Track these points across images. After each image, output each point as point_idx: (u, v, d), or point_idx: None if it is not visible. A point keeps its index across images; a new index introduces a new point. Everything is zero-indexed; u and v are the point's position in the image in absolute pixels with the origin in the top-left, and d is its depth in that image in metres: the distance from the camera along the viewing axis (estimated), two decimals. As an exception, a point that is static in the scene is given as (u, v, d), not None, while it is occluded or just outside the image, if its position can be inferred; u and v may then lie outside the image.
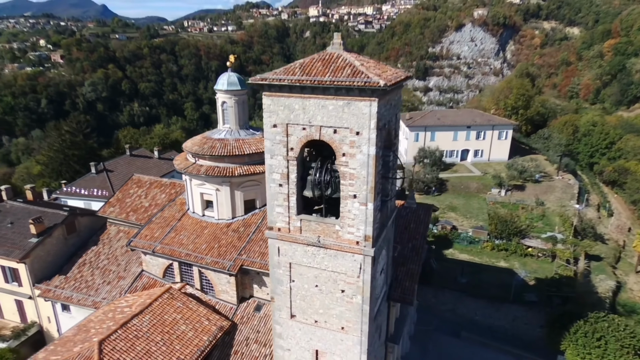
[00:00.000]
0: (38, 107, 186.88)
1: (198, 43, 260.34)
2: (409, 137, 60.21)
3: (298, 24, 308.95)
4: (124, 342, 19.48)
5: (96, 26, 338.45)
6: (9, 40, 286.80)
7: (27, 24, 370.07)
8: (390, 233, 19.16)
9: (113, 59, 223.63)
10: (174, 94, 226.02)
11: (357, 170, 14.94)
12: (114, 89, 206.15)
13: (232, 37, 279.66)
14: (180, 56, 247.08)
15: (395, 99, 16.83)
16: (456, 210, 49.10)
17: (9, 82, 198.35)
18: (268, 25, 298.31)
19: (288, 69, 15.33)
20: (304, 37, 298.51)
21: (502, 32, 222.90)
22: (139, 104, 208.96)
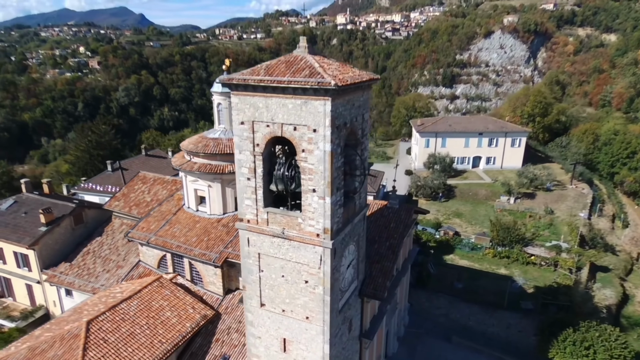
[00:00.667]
0: (75, 110, 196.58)
1: (227, 50, 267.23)
2: (419, 143, 60.31)
3: (325, 32, 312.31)
4: (111, 323, 20.94)
5: (132, 34, 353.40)
6: (52, 48, 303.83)
7: (70, 32, 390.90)
8: (360, 229, 19.82)
9: (146, 66, 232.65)
10: (202, 99, 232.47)
11: (315, 165, 15.80)
12: (146, 94, 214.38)
13: (260, 45, 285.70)
14: (209, 63, 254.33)
15: (360, 99, 17.59)
16: (462, 217, 48.85)
17: (50, 87, 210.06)
18: (296, 32, 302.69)
19: (254, 69, 16.45)
20: (331, 44, 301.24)
21: (533, 39, 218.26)
22: (169, 108, 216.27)
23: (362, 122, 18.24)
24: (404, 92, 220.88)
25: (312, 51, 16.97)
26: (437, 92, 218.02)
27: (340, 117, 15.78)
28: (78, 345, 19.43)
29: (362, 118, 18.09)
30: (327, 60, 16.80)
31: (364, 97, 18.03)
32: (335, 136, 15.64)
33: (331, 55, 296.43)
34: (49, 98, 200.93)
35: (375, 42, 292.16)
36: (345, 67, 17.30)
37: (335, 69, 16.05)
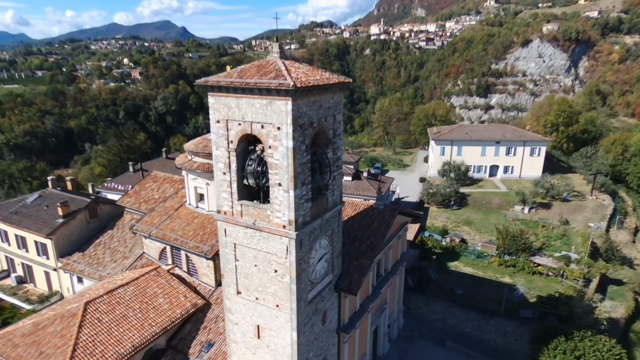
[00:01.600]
0: (116, 118, 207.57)
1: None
2: (434, 150, 60.25)
3: (359, 42, 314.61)
4: (107, 305, 22.85)
5: (173, 46, 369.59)
6: (99, 59, 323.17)
7: (117, 45, 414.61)
8: (333, 225, 20.75)
9: (184, 76, 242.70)
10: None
11: (280, 161, 17.02)
12: (182, 103, 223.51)
13: (293, 55, 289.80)
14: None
15: (330, 101, 18.68)
16: (471, 225, 48.41)
17: (95, 96, 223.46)
18: (329, 43, 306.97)
19: (229, 73, 17.99)
20: (364, 54, 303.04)
21: (575, 48, 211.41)
22: (204, 117, 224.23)
23: (334, 122, 19.31)
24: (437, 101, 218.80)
25: (284, 56, 18.31)
26: (470, 101, 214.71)
27: (304, 116, 16.95)
28: (75, 323, 21.40)
29: (332, 119, 19.17)
30: (297, 65, 18.07)
31: (335, 99, 19.11)
32: (299, 134, 16.81)
33: (364, 65, 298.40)
34: (94, 106, 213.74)
35: (408, 52, 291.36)
36: (315, 70, 18.50)
37: (301, 72, 17.29)
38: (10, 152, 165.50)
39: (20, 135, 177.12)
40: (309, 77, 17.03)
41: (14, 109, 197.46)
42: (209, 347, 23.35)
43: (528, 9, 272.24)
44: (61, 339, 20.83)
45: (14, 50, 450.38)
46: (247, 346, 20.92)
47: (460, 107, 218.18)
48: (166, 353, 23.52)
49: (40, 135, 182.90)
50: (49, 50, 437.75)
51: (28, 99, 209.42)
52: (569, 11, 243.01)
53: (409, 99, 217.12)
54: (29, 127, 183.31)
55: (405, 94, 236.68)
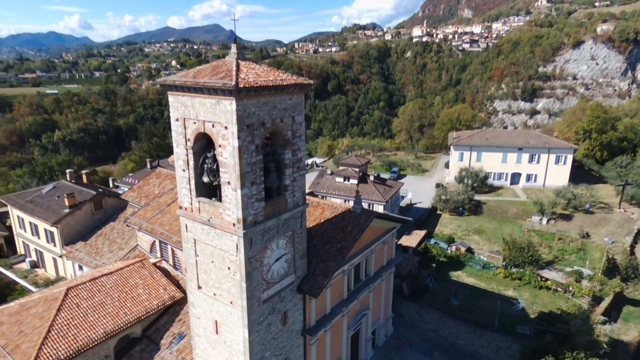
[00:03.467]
0: (161, 117, 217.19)
1: (301, 63, 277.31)
2: (452, 156, 58.48)
3: (400, 44, 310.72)
4: (87, 292, 24.19)
5: (219, 49, 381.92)
6: (150, 62, 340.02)
7: (169, 48, 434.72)
8: (295, 226, 20.80)
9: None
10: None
11: (228, 159, 17.37)
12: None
13: (333, 58, 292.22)
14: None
15: (287, 102, 18.79)
16: (482, 234, 46.56)
17: (142, 96, 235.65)
18: (370, 45, 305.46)
19: (187, 72, 18.59)
20: (405, 57, 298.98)
21: (632, 49, 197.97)
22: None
23: (292, 124, 19.41)
24: (478, 105, 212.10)
25: (242, 57, 18.65)
26: (515, 106, 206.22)
27: (252, 116, 17.20)
28: (55, 306, 22.83)
29: (291, 120, 19.28)
30: (252, 66, 18.35)
31: (293, 101, 19.21)
32: (246, 134, 17.08)
33: (404, 67, 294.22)
34: (141, 106, 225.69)
35: (450, 54, 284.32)
36: (274, 72, 18.71)
37: (253, 73, 17.57)
38: (66, 147, 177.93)
39: (75, 132, 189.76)
40: (258, 78, 17.27)
41: (70, 107, 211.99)
42: (180, 338, 24.13)
43: (583, 9, 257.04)
44: (40, 320, 22.30)
45: (77, 53, 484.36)
46: (207, 340, 21.43)
47: (503, 111, 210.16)
48: (141, 342, 24.51)
49: (93, 132, 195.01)
50: (107, 52, 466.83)
51: (83, 98, 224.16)
52: (629, 10, 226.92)
53: (450, 102, 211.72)
54: (83, 125, 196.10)
55: (446, 97, 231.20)
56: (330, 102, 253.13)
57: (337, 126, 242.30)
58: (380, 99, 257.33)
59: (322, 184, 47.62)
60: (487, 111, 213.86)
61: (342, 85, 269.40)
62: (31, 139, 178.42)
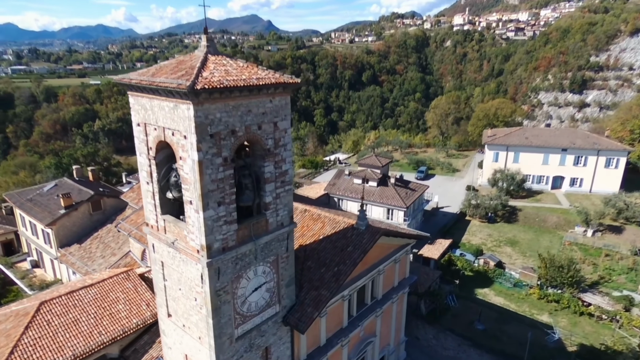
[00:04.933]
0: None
1: (336, 53, 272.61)
2: (487, 156, 53.40)
3: (439, 33, 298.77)
4: (61, 307, 22.23)
5: (255, 39, 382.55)
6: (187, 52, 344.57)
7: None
8: (279, 249, 17.75)
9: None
10: (306, 100, 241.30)
11: (189, 175, 14.46)
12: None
13: (369, 48, 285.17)
14: (318, 66, 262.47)
15: (266, 105, 15.62)
16: (516, 245, 41.74)
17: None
18: (408, 35, 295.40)
19: (149, 69, 15.74)
20: (444, 46, 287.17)
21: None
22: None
23: (274, 131, 16.23)
24: (522, 97, 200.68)
25: (214, 51, 15.58)
26: (562, 98, 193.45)
27: (218, 123, 14.16)
28: (24, 323, 20.98)
29: (272, 127, 16.10)
30: (225, 62, 15.24)
31: (275, 104, 16.00)
32: (209, 145, 14.08)
33: (443, 57, 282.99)
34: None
35: (493, 43, 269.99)
36: (250, 69, 15.55)
37: (222, 71, 14.47)
38: (105, 136, 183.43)
39: (114, 122, 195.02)
40: (226, 77, 14.16)
41: (110, 97, 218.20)
42: (158, 364, 21.80)
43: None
44: (6, 338, 20.50)
45: (122, 44, 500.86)
46: (180, 374, 18.88)
47: (549, 104, 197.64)
48: (118, 364, 22.43)
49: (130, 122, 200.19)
50: (149, 44, 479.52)
51: (122, 89, 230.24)
52: None
53: (490, 94, 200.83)
54: (121, 114, 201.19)
55: (487, 88, 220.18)
56: (365, 93, 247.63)
57: (370, 118, 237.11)
58: (416, 90, 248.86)
59: (339, 186, 44.22)
60: (530, 103, 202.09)
61: (377, 76, 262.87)
62: (73, 128, 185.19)
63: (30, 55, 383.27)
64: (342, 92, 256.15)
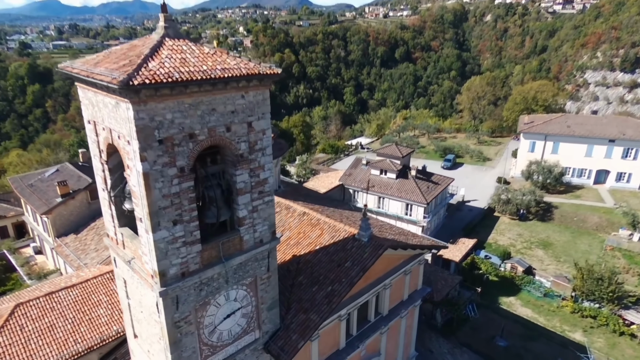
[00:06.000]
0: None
1: (368, 29, 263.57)
2: (522, 145, 48.58)
3: (480, 7, 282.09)
4: (38, 310, 20.69)
5: (287, 14, 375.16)
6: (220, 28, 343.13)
7: (240, 14, 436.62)
8: (258, 270, 15.20)
9: (290, 44, 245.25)
10: (337, 78, 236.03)
11: (136, 188, 11.91)
12: (285, 71, 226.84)
13: (403, 23, 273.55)
14: (350, 42, 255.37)
15: (236, 102, 12.74)
16: (549, 248, 37.61)
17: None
18: (445, 9, 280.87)
19: (97, 56, 13.10)
20: (484, 21, 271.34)
21: None
22: (305, 86, 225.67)
23: (249, 133, 13.39)
24: (566, 76, 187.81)
25: (174, 34, 12.71)
26: (611, 78, 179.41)
27: (169, 126, 11.45)
28: (-4, 327, 19.61)
29: (245, 127, 13.25)
30: (186, 47, 12.37)
31: (249, 100, 13.10)
32: (159, 153, 11.43)
33: (482, 33, 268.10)
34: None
35: (538, 18, 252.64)
36: (217, 56, 12.66)
37: (179, 59, 11.66)
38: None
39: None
40: (183, 68, 11.34)
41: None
42: (136, 377, 20.05)
43: None
44: (-24, 345, 19.23)
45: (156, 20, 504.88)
46: (149, 399, 16.92)
47: (596, 84, 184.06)
48: (96, 373, 20.87)
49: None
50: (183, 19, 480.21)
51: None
52: None
53: (532, 73, 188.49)
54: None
55: (528, 66, 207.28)
56: (397, 70, 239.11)
57: (402, 97, 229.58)
58: (451, 67, 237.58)
59: (355, 177, 41.06)
60: (575, 83, 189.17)
61: (411, 53, 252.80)
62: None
63: (70, 31, 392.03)
64: (374, 69, 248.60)
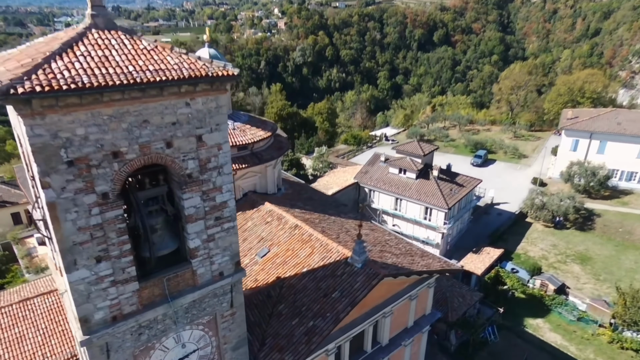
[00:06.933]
0: (258, 67, 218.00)
1: (406, 10, 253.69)
2: (563, 143, 43.68)
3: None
4: (10, 318, 18.87)
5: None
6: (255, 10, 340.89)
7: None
8: (218, 306, 12.85)
9: (324, 26, 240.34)
10: (371, 61, 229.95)
11: (47, 217, 9.68)
12: (319, 54, 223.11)
13: (444, 4, 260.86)
14: (386, 24, 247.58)
15: (178, 112, 10.19)
16: (586, 264, 33.37)
17: (242, 45, 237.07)
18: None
19: (16, 50, 10.82)
20: (531, 1, 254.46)
21: None
22: (338, 70, 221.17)
23: (198, 148, 10.84)
24: (620, 62, 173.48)
25: (107, 24, 10.23)
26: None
27: (82, 144, 9.09)
28: (-39, 338, 18.44)
29: (193, 142, 10.72)
30: (118, 40, 9.90)
31: (196, 108, 10.52)
32: (69, 177, 9.12)
33: (529, 15, 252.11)
34: (240, 55, 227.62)
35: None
36: (158, 53, 10.12)
37: (99, 57, 9.20)
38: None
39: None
40: (100, 69, 8.89)
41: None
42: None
43: None
44: (-62, 357, 18.13)
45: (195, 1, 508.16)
46: None
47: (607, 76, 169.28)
48: (68, 389, 19.45)
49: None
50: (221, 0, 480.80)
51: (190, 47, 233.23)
52: None
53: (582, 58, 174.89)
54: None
55: (578, 51, 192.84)
56: (435, 54, 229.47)
57: (438, 82, 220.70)
58: (493, 52, 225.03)
59: (371, 175, 37.90)
60: (630, 69, 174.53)
61: (450, 36, 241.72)
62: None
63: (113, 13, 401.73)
64: (410, 53, 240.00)
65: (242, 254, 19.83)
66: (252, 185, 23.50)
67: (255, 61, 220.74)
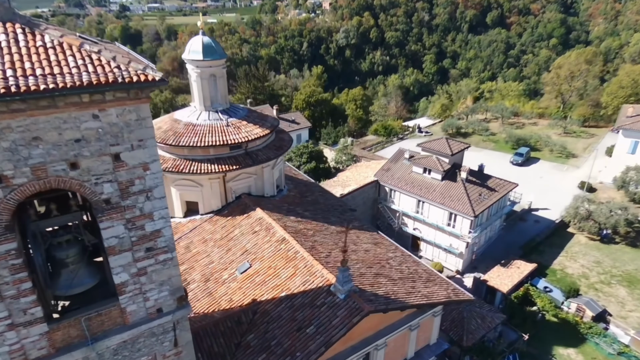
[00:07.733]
0: (300, 49, 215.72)
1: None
2: (619, 144, 38.42)
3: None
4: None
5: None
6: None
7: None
8: (157, 347, 11.11)
9: (370, 7, 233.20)
10: (417, 44, 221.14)
11: None
12: (363, 36, 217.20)
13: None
14: (435, 4, 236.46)
15: (87, 125, 8.25)
16: (635, 287, 29.01)
17: (285, 27, 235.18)
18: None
19: None
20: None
21: None
22: (382, 52, 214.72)
23: (115, 169, 8.89)
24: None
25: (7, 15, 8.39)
26: None
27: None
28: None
29: (108, 162, 8.81)
30: (13, 37, 8.04)
31: (109, 121, 8.58)
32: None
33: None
34: (282, 37, 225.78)
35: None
36: (61, 50, 8.18)
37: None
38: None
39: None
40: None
41: (221, 37, 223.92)
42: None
43: None
44: None
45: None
46: None
47: None
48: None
49: (238, 62, 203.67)
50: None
51: (233, 28, 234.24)
52: None
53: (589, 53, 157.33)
54: (230, 54, 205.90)
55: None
56: (487, 37, 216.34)
57: (489, 67, 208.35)
58: (552, 35, 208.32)
59: (393, 173, 34.88)
60: None
61: (505, 17, 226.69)
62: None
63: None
64: (460, 35, 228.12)
65: (223, 267, 18.12)
66: (246, 188, 21.67)
67: (298, 42, 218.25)
